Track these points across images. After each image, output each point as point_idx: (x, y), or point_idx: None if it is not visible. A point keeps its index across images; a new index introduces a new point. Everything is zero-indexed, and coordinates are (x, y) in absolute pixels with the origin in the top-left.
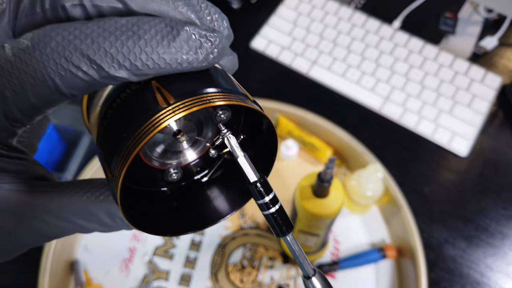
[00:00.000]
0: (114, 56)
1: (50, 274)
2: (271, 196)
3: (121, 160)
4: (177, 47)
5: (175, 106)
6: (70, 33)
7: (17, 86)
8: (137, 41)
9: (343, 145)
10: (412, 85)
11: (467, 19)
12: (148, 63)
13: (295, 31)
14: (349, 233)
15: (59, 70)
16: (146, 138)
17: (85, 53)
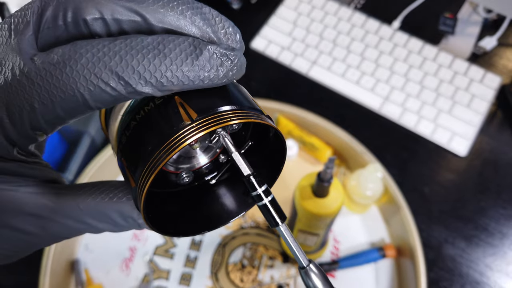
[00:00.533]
0: (141, 73)
1: (51, 274)
2: (263, 188)
3: (146, 172)
4: (200, 65)
5: (198, 123)
6: (99, 50)
7: (46, 98)
8: (163, 59)
9: (342, 145)
10: (412, 85)
11: (466, 20)
12: (173, 80)
13: (295, 31)
14: (349, 232)
15: (88, 86)
16: (171, 154)
17: (114, 70)
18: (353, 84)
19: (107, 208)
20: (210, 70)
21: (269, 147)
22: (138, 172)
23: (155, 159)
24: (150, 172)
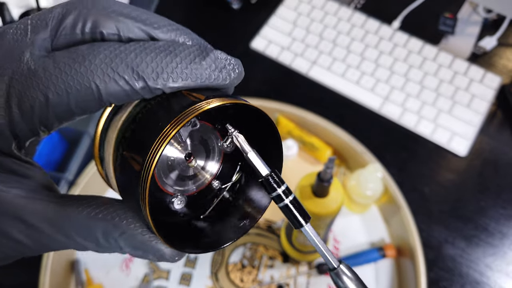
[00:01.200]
0: (154, 68)
1: (51, 274)
2: (283, 187)
3: (155, 145)
4: (207, 64)
5: (175, 120)
6: (115, 49)
7: (62, 89)
8: (174, 57)
9: (342, 145)
10: (412, 85)
11: (466, 20)
12: (182, 76)
13: (295, 31)
14: (349, 232)
15: (104, 78)
16: (181, 124)
17: (129, 64)
18: (353, 84)
19: (92, 224)
20: (215, 70)
21: (265, 140)
22: (145, 150)
23: (166, 131)
24: (160, 144)
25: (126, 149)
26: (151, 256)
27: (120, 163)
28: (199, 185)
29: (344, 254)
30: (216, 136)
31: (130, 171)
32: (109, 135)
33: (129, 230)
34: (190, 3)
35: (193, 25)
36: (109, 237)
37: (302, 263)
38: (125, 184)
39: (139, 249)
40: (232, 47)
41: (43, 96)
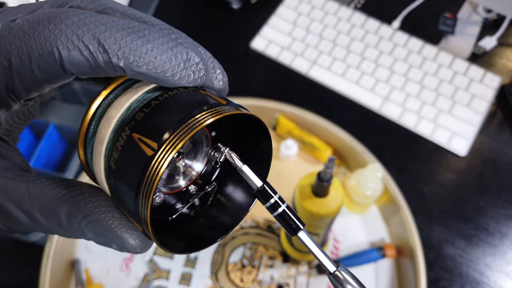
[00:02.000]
0: (122, 46)
1: (51, 273)
2: (276, 197)
3: (144, 193)
4: (177, 61)
5: (162, 150)
6: (87, 17)
7: (24, 54)
8: (145, 42)
9: (342, 145)
10: (412, 85)
11: (466, 19)
12: (147, 63)
13: (295, 31)
14: (349, 232)
15: (68, 45)
16: (151, 193)
17: (97, 36)
18: (353, 84)
19: (55, 205)
20: (182, 70)
21: (252, 140)
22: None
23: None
24: (148, 195)
25: (117, 204)
26: (114, 245)
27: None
28: (188, 179)
29: (344, 254)
30: (206, 137)
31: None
32: (101, 129)
33: (93, 215)
34: (190, 3)
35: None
36: (73, 219)
37: (302, 263)
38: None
39: (101, 235)
40: (232, 47)
41: (6, 60)
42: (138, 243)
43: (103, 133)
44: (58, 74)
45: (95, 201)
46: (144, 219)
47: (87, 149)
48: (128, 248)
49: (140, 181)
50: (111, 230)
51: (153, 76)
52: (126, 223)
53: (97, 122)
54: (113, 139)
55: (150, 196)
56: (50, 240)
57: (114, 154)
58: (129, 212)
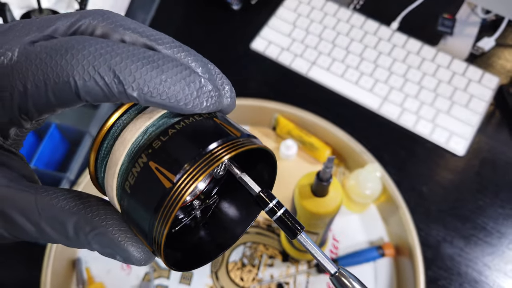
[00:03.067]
0: (136, 78)
1: (52, 272)
2: (274, 202)
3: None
4: (188, 91)
5: (181, 184)
6: (102, 47)
7: (40, 81)
8: (160, 73)
9: (341, 145)
10: (410, 86)
11: (464, 20)
12: (161, 94)
13: (295, 32)
14: (348, 231)
15: (84, 76)
16: (168, 223)
17: (112, 67)
18: (352, 84)
19: (63, 216)
20: (195, 98)
21: (259, 160)
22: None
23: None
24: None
25: (129, 223)
26: (118, 257)
27: (128, 200)
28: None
29: (343, 253)
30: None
31: (141, 209)
32: (114, 156)
33: (101, 227)
34: (190, 3)
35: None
36: (80, 231)
37: (301, 262)
38: (133, 215)
39: (107, 247)
40: (232, 48)
41: (22, 86)
42: (143, 256)
43: (118, 155)
44: (72, 101)
45: (102, 215)
46: (158, 244)
47: (99, 166)
48: (133, 260)
49: (157, 211)
50: (117, 243)
51: (167, 105)
52: (132, 236)
53: (111, 141)
54: (129, 163)
55: (166, 226)
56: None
57: (130, 179)
58: (141, 232)
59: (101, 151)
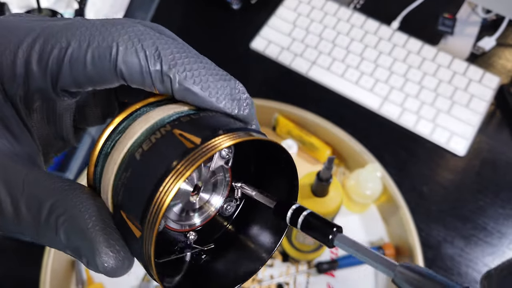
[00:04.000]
0: (176, 59)
1: (51, 273)
2: (294, 206)
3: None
4: (221, 85)
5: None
6: (150, 32)
7: (84, 41)
8: (199, 62)
9: (342, 145)
10: (411, 85)
11: (465, 20)
12: (196, 79)
13: (295, 31)
14: (348, 232)
15: (128, 43)
16: (157, 221)
17: (156, 44)
18: (352, 84)
19: (45, 194)
20: (228, 95)
21: (277, 162)
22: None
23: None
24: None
25: (122, 207)
26: (84, 255)
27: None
28: (203, 218)
29: (343, 253)
30: (225, 168)
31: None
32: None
33: (73, 210)
34: (190, 3)
35: (193, 25)
36: (53, 213)
37: (301, 262)
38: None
39: (74, 237)
40: (232, 47)
41: (66, 42)
42: (113, 260)
43: (136, 129)
44: (107, 72)
45: (83, 199)
46: (157, 211)
47: (98, 166)
48: (99, 262)
49: (171, 169)
50: (86, 232)
51: (200, 96)
52: (108, 229)
53: (131, 121)
54: (147, 134)
55: (175, 185)
56: None
57: (144, 146)
58: (137, 203)
59: (116, 130)
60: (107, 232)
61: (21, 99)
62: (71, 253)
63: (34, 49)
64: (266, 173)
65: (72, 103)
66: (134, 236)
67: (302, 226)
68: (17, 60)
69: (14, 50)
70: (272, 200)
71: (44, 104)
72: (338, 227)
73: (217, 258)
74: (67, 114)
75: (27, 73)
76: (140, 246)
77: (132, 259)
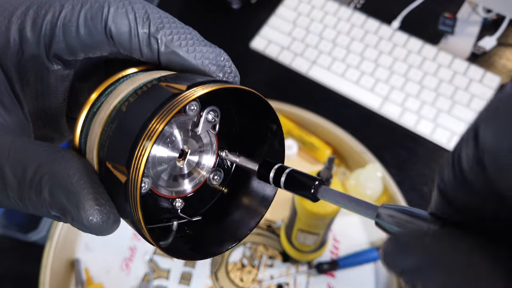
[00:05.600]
0: (164, 23)
1: (51, 273)
2: (277, 166)
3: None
4: (206, 50)
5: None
6: (145, 1)
7: (78, 2)
8: (186, 29)
9: (342, 145)
10: (411, 85)
11: (466, 19)
12: (182, 42)
13: (295, 31)
14: (349, 232)
15: (118, 4)
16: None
17: (146, 8)
18: (352, 83)
19: (29, 158)
20: (212, 59)
21: (263, 125)
22: (128, 156)
23: (148, 131)
24: (144, 147)
25: (107, 158)
26: (68, 211)
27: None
28: (195, 184)
29: (343, 253)
30: (211, 134)
31: (116, 183)
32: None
33: (57, 167)
34: (190, 3)
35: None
36: (37, 175)
37: (301, 262)
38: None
39: (58, 194)
40: (232, 47)
41: (60, 6)
42: (99, 214)
43: (123, 88)
44: (99, 34)
45: (68, 158)
46: (141, 154)
47: (83, 130)
48: (83, 216)
49: (158, 110)
50: (70, 187)
51: (183, 56)
52: (94, 185)
53: (117, 84)
54: (134, 90)
55: (162, 124)
56: (50, 240)
57: (131, 99)
58: (122, 149)
59: (103, 94)
60: (91, 186)
61: (15, 68)
62: (56, 213)
63: (28, 15)
64: (253, 138)
65: (66, 76)
66: (119, 183)
67: (286, 184)
68: (11, 26)
69: (8, 17)
70: (255, 164)
71: (38, 76)
72: (320, 180)
73: (212, 221)
74: (61, 88)
75: (21, 39)
76: (126, 192)
77: (118, 215)
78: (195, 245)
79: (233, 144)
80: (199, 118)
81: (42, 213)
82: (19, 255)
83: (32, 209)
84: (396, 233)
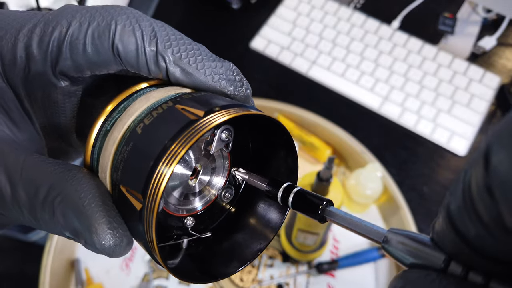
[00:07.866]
0: (171, 40)
1: (51, 273)
2: (285, 185)
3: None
4: (216, 66)
5: (213, 116)
6: (152, 18)
7: (85, 21)
8: (194, 46)
9: (342, 145)
10: (411, 85)
11: (466, 19)
12: (191, 59)
13: (295, 31)
14: (348, 232)
15: (126, 22)
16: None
17: (153, 25)
18: (352, 83)
19: (42, 178)
20: (222, 74)
21: (276, 144)
22: (145, 184)
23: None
24: (173, 158)
25: (122, 182)
26: (81, 234)
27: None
28: (206, 201)
29: (343, 253)
30: (224, 153)
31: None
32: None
33: (69, 188)
34: (189, 3)
35: (193, 25)
36: (49, 195)
37: (301, 262)
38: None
39: (71, 216)
40: (232, 47)
41: (67, 23)
42: (112, 238)
43: (137, 107)
44: (106, 52)
45: (79, 179)
46: (159, 183)
47: (95, 146)
48: (95, 240)
49: (176, 137)
50: (82, 210)
51: (193, 73)
52: (107, 207)
53: (130, 102)
54: (149, 111)
55: (181, 152)
56: (50, 240)
57: (146, 121)
58: (137, 176)
59: (116, 110)
60: (104, 209)
61: (23, 84)
62: (69, 235)
63: (35, 32)
64: (266, 157)
65: (73, 92)
66: (134, 210)
67: (293, 205)
68: (18, 43)
69: (15, 34)
70: (265, 181)
71: (46, 92)
72: (328, 201)
73: (221, 240)
74: (69, 104)
75: (27, 56)
76: (141, 219)
77: (131, 238)
78: (203, 265)
79: (245, 162)
80: (212, 137)
81: (56, 233)
82: (19, 255)
83: (46, 229)
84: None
